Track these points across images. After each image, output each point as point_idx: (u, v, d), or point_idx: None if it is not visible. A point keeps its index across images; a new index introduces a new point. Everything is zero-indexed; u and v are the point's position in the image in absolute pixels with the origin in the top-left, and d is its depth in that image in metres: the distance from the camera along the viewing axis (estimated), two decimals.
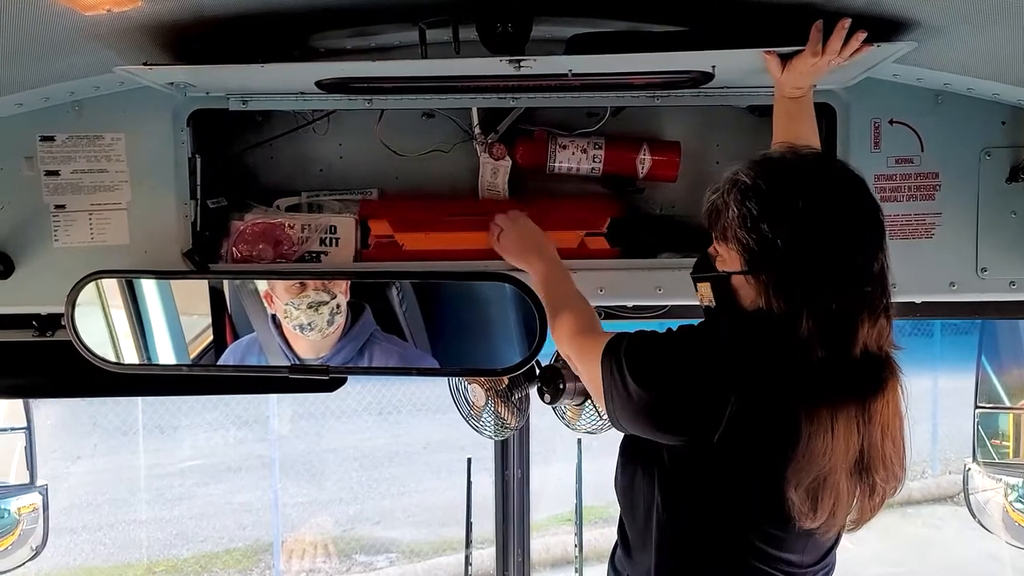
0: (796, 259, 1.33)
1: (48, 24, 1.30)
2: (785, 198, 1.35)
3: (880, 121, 1.82)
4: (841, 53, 1.44)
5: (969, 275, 1.83)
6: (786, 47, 1.48)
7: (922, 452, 8.51)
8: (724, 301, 1.45)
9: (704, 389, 1.34)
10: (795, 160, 1.42)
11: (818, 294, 1.32)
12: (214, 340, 1.88)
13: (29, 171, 1.80)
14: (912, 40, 1.43)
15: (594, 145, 1.87)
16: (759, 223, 1.34)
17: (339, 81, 1.65)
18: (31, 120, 1.77)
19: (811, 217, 1.33)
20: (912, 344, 8.99)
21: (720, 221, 1.41)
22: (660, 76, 1.68)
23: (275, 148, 1.93)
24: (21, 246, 1.80)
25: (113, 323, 1.83)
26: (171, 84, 1.67)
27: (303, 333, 1.82)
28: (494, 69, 1.52)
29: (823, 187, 1.37)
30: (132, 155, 1.80)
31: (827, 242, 1.33)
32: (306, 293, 1.80)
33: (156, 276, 1.79)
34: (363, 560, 6.69)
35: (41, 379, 1.94)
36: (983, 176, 1.81)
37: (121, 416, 8.03)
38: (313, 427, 8.69)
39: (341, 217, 1.86)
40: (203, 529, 7.21)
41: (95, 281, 1.74)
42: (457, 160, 1.91)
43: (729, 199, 1.39)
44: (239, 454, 8.28)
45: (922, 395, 8.96)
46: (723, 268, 1.43)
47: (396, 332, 1.86)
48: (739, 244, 1.38)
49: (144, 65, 1.49)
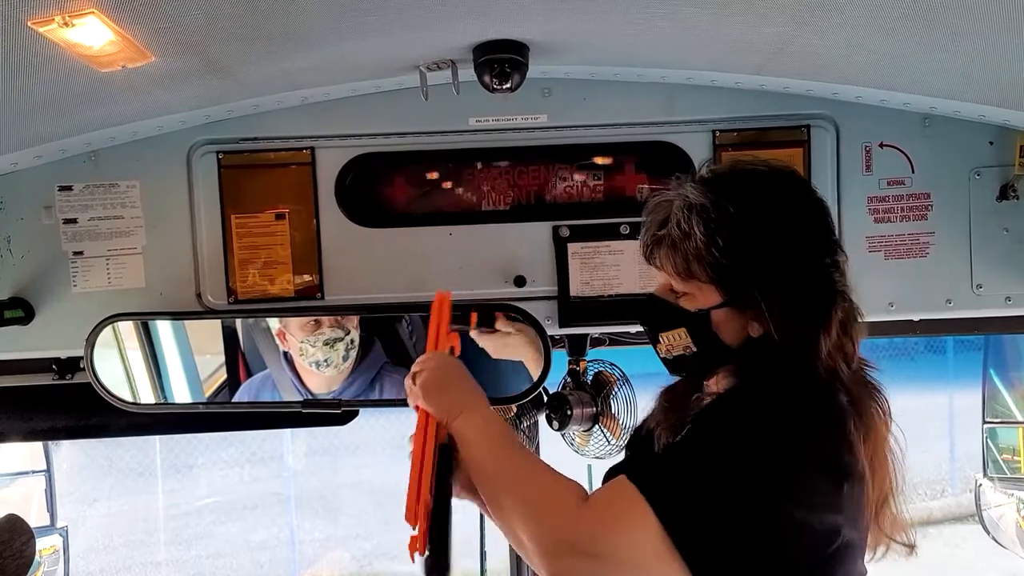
0: (787, 276, 1.23)
1: (66, 81, 1.36)
2: (756, 213, 1.23)
3: (871, 145, 1.86)
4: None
5: (965, 292, 1.86)
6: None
7: (940, 471, 8.44)
8: (708, 343, 1.27)
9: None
10: (749, 172, 1.31)
11: (826, 308, 1.23)
12: (228, 378, 1.92)
13: (48, 220, 1.85)
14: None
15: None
16: (734, 246, 1.21)
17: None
18: (49, 171, 1.83)
19: (788, 227, 1.24)
20: (925, 362, 8.91)
21: (679, 253, 1.24)
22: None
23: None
24: (41, 292, 1.85)
25: (130, 364, 1.88)
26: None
27: (319, 370, 1.86)
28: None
29: (788, 195, 1.28)
30: (146, 201, 1.86)
31: (808, 251, 1.25)
32: (321, 331, 1.85)
33: (172, 317, 1.85)
34: None
35: (62, 421, 1.99)
36: (974, 195, 1.85)
37: (137, 457, 8.08)
38: (327, 463, 8.69)
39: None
40: (220, 569, 7.21)
41: (112, 324, 1.80)
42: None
43: (692, 226, 1.22)
44: (254, 492, 8.29)
45: (938, 413, 8.90)
46: (697, 306, 1.26)
47: (406, 364, 1.90)
48: (713, 273, 1.23)
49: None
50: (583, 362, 2.00)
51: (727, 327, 1.26)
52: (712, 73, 1.80)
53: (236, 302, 1.89)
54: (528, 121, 1.87)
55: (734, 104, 1.86)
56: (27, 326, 1.85)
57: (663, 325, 1.31)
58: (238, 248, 1.89)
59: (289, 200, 1.89)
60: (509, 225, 1.91)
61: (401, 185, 1.93)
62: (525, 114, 1.86)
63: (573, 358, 2.00)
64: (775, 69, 1.71)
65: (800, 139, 1.86)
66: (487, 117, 1.87)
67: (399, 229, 1.91)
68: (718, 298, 1.25)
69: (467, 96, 1.69)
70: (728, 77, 1.81)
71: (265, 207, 1.89)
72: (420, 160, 1.91)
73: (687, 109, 1.86)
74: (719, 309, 1.25)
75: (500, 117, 1.86)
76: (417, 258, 1.90)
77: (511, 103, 1.79)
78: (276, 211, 1.89)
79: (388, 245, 1.90)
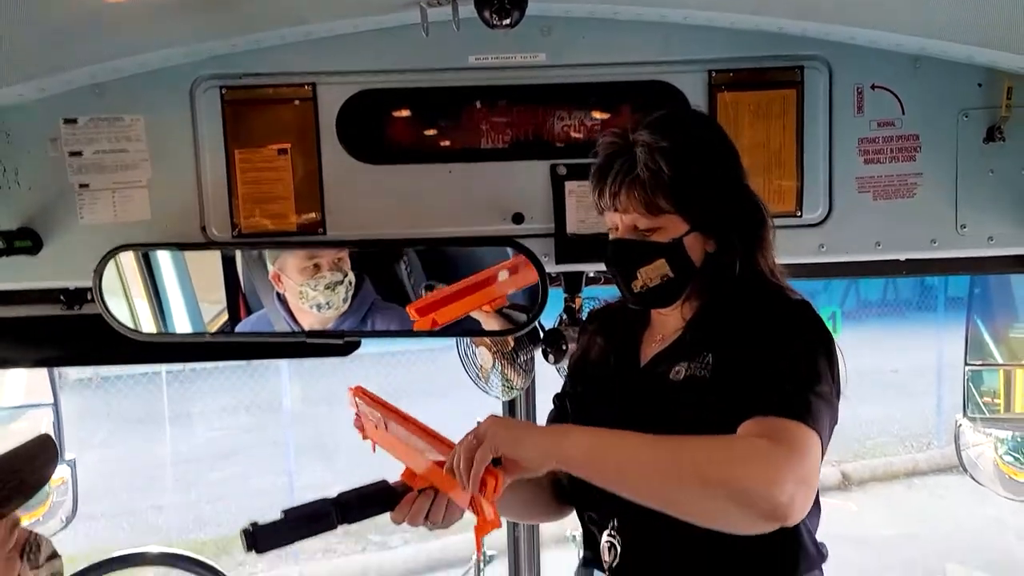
0: (734, 196, 1.47)
1: (72, 11, 1.38)
2: (706, 147, 1.47)
3: (863, 86, 1.89)
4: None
5: (949, 232, 1.90)
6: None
7: (927, 424, 8.60)
8: (684, 268, 1.46)
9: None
10: (684, 115, 1.65)
11: (763, 220, 1.48)
12: (228, 312, 1.97)
13: (54, 152, 1.88)
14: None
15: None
16: (695, 177, 1.42)
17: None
18: (55, 104, 1.86)
19: (729, 156, 1.49)
20: (916, 319, 9.00)
21: (648, 191, 1.41)
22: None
23: None
24: (48, 224, 1.89)
25: (136, 296, 1.93)
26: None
27: (320, 312, 1.91)
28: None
29: (719, 130, 1.54)
30: (151, 135, 1.89)
31: (738, 173, 1.49)
32: (321, 274, 1.90)
33: (178, 248, 1.89)
34: (377, 540, 6.80)
35: (70, 349, 2.04)
36: (961, 137, 1.88)
37: (136, 405, 8.17)
38: (324, 412, 8.80)
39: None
40: (219, 513, 7.32)
41: (119, 256, 1.85)
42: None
43: (660, 165, 1.40)
44: (253, 440, 8.41)
45: (926, 369, 9.04)
46: (670, 236, 1.45)
47: (404, 301, 1.95)
48: (680, 204, 1.42)
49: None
50: (578, 299, 2.05)
51: (693, 251, 1.46)
52: (709, 13, 1.82)
53: (240, 236, 1.93)
54: (527, 59, 1.89)
55: (730, 44, 1.88)
56: (35, 256, 1.89)
57: (642, 261, 1.46)
58: (241, 183, 1.92)
59: (291, 136, 1.92)
60: (508, 163, 1.94)
61: (401, 122, 1.96)
62: (524, 53, 1.89)
63: (568, 295, 2.05)
64: (771, 8, 1.74)
65: (794, 80, 1.88)
66: (487, 55, 1.89)
67: (399, 166, 1.94)
68: (685, 226, 1.44)
69: (467, 33, 1.71)
70: (725, 17, 1.83)
71: (267, 142, 1.92)
72: (420, 97, 1.93)
73: (684, 49, 1.89)
74: (688, 235, 1.44)
75: (500, 55, 1.89)
76: (417, 195, 1.93)
77: (510, 41, 1.82)
78: (279, 147, 1.92)
79: (388, 181, 1.94)
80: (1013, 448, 2.67)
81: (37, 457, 1.27)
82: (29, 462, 1.26)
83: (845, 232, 1.92)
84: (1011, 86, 1.82)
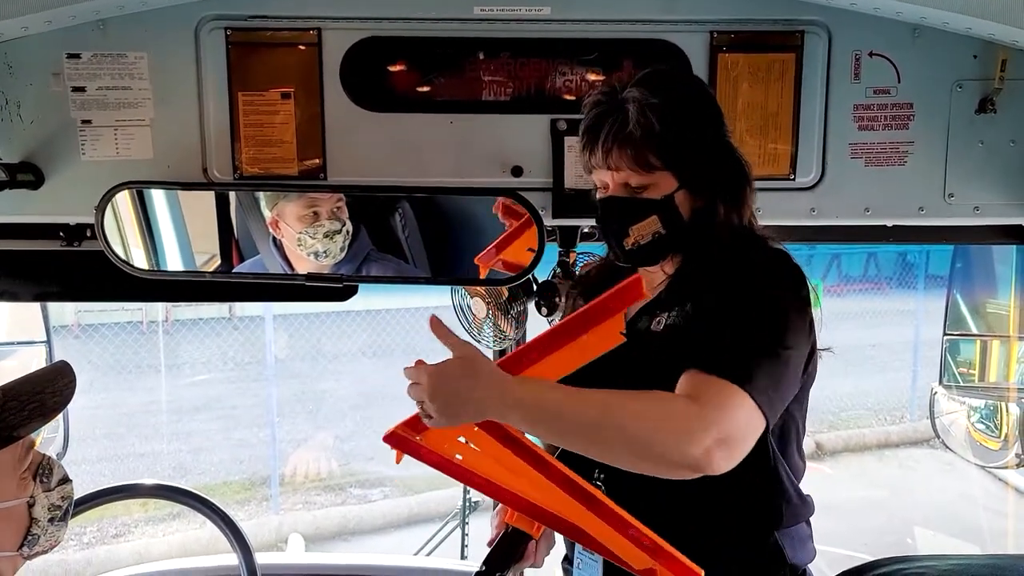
0: (721, 154, 1.51)
1: None
2: (695, 104, 1.50)
3: (861, 53, 1.91)
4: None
5: (937, 200, 1.95)
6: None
7: (901, 399, 8.78)
8: (676, 224, 1.49)
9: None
10: (672, 73, 1.63)
11: (747, 175, 1.53)
12: (221, 256, 1.98)
13: (56, 87, 1.88)
14: None
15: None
16: (686, 134, 1.46)
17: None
18: (58, 38, 1.85)
19: (717, 115, 1.53)
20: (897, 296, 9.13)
21: (641, 148, 1.45)
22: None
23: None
24: (50, 158, 1.89)
25: (135, 234, 1.94)
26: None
27: (317, 260, 1.93)
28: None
29: (705, 89, 1.60)
30: (154, 74, 1.89)
31: (724, 131, 1.54)
32: (320, 223, 1.91)
33: (181, 187, 1.90)
34: (358, 493, 6.89)
35: (68, 286, 2.05)
36: (954, 107, 1.91)
37: (117, 354, 8.17)
38: (308, 367, 8.85)
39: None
40: (201, 463, 7.39)
41: (121, 193, 1.85)
42: None
43: (652, 122, 1.43)
44: (236, 392, 8.45)
45: (904, 346, 9.20)
46: (660, 193, 1.48)
47: (398, 252, 1.97)
48: (671, 160, 1.46)
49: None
50: (573, 254, 2.09)
51: (682, 207, 1.49)
52: None
53: (241, 178, 1.94)
54: (532, 13, 1.90)
55: (733, 6, 1.90)
56: (36, 191, 1.89)
57: (634, 218, 1.49)
58: (244, 125, 1.93)
59: (295, 80, 1.92)
60: (508, 116, 1.95)
61: (404, 71, 1.96)
62: (529, 5, 1.90)
63: (563, 250, 2.09)
64: None
65: (794, 44, 1.91)
66: (491, 7, 1.90)
67: (401, 115, 1.95)
68: (675, 183, 1.47)
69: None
70: None
71: (271, 86, 1.92)
72: (424, 47, 1.94)
73: (688, 8, 1.90)
74: (678, 192, 1.48)
75: (504, 7, 1.90)
76: (418, 144, 1.95)
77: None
78: (282, 90, 1.93)
79: (390, 130, 1.95)
80: (985, 416, 2.75)
81: (56, 380, 1.29)
82: (50, 384, 1.28)
83: (836, 197, 1.96)
84: (1005, 59, 1.85)
